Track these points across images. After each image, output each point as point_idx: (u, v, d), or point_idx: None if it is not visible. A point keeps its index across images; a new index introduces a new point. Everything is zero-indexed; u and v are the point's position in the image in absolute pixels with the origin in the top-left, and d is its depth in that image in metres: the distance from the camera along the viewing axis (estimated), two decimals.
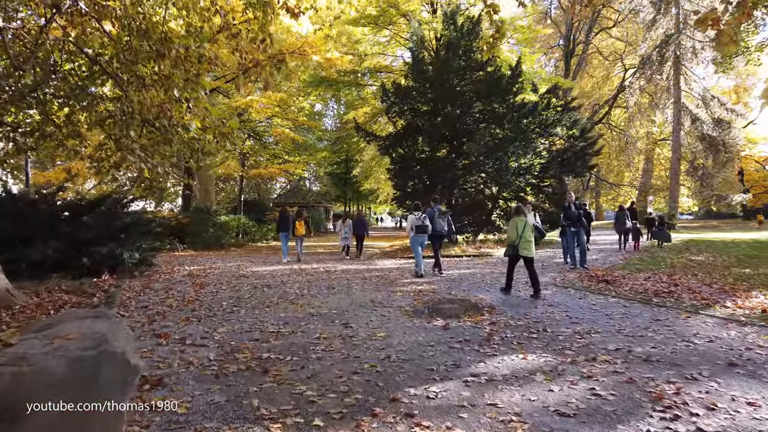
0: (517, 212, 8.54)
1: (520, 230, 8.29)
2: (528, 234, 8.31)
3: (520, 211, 8.53)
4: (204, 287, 9.80)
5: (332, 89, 24.89)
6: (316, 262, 15.31)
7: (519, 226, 8.31)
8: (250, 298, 8.42)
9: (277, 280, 10.76)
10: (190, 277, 11.34)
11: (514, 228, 8.38)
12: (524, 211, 8.60)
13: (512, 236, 8.41)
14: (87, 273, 10.63)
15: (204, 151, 10.78)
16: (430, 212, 11.57)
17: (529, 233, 8.31)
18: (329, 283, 10.29)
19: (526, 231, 8.29)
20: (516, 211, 8.62)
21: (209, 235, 20.65)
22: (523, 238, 8.27)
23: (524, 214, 8.45)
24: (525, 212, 8.59)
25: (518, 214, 8.49)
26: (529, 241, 8.32)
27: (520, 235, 8.27)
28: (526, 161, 18.91)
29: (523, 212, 8.55)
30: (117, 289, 9.11)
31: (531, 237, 8.36)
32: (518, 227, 8.31)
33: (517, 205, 8.84)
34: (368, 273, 12.21)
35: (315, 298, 8.52)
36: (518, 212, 8.53)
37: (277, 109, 19.41)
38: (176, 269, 13.08)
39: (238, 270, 12.94)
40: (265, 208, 33.82)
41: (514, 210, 8.74)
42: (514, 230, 8.38)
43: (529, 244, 8.32)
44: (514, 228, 8.38)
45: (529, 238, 8.30)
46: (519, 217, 8.42)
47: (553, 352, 5.02)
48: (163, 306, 7.76)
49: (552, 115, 20.09)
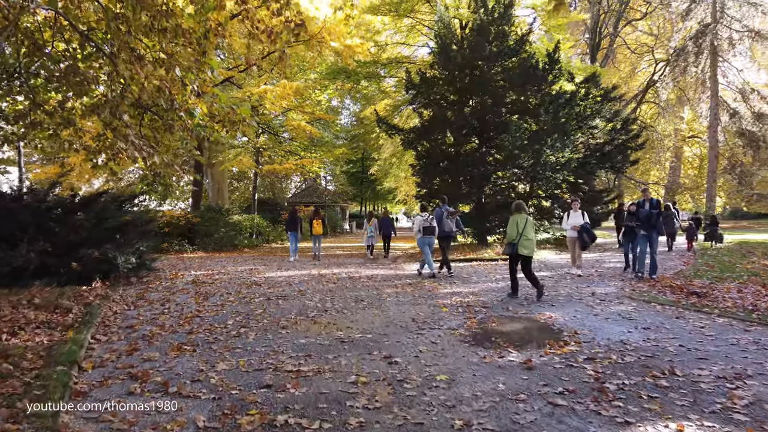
0: (518, 209, 8.09)
1: (520, 228, 7.85)
2: (529, 232, 7.87)
3: (520, 208, 8.09)
4: (208, 298, 8.17)
5: (351, 81, 23.23)
6: (337, 266, 13.66)
7: (519, 223, 7.88)
8: (262, 315, 6.76)
9: (294, 289, 9.11)
10: (194, 285, 9.73)
11: (514, 225, 7.92)
12: (525, 208, 8.15)
13: (512, 234, 7.94)
14: (76, 279, 9.08)
15: (211, 139, 9.16)
16: (438, 213, 11.14)
17: (529, 231, 7.88)
18: (356, 294, 8.62)
19: (527, 229, 7.86)
20: (516, 208, 8.12)
21: (221, 235, 19.12)
22: (523, 236, 7.82)
23: (525, 212, 8.06)
24: (526, 209, 8.17)
25: (519, 211, 8.05)
26: (530, 240, 7.87)
27: (521, 233, 7.83)
28: (564, 156, 17.07)
29: (524, 209, 8.11)
30: (102, 301, 7.52)
31: (532, 235, 7.91)
32: (518, 225, 7.88)
33: (517, 202, 8.31)
34: (398, 280, 10.53)
35: (341, 314, 6.84)
36: (519, 209, 8.08)
37: (292, 100, 17.81)
38: (180, 274, 11.49)
39: (250, 275, 11.32)
40: (280, 207, 32.31)
41: (514, 207, 8.23)
42: (514, 228, 7.92)
43: (530, 242, 7.87)
44: (514, 225, 7.92)
45: (529, 237, 7.86)
46: (520, 214, 7.97)
47: (717, 419, 3.27)
48: (154, 325, 6.13)
49: (590, 106, 18.23)
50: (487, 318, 6.52)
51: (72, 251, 9.30)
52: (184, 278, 10.82)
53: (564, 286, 9.19)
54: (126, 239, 9.92)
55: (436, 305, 7.43)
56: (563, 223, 10.64)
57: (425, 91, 17.80)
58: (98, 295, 7.93)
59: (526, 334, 5.72)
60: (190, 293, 8.71)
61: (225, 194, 28.57)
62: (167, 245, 17.48)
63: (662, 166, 43.93)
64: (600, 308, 7.07)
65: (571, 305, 7.35)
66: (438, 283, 9.83)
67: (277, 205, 32.35)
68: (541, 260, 14.13)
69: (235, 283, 10.05)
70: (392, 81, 24.38)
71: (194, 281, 10.26)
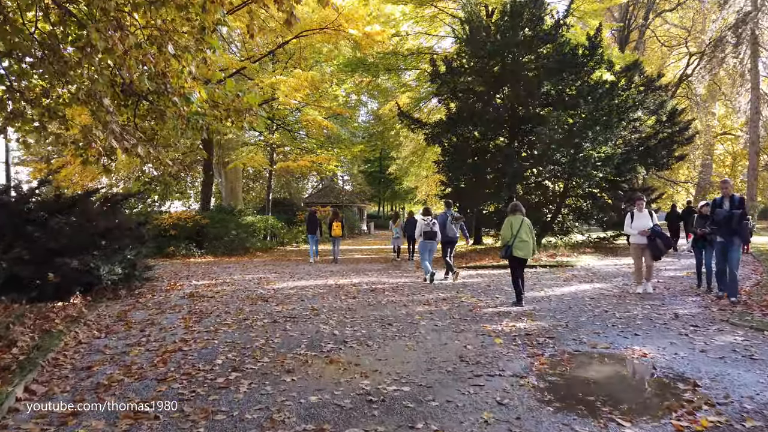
0: (513, 210, 7.77)
1: (515, 229, 7.52)
2: (524, 234, 7.49)
3: (516, 210, 7.73)
4: (201, 320, 6.62)
5: (369, 74, 21.62)
6: (356, 273, 12.06)
7: (514, 225, 7.56)
8: (263, 349, 5.16)
9: (307, 307, 7.51)
10: (190, 300, 8.20)
11: (508, 227, 7.61)
12: (521, 209, 7.74)
13: (506, 236, 7.60)
14: (52, 294, 7.63)
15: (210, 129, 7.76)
16: (442, 217, 10.64)
17: (525, 233, 7.50)
18: (381, 313, 6.99)
19: (522, 231, 7.50)
20: (512, 210, 7.81)
21: (231, 238, 17.66)
22: (518, 238, 7.48)
23: (521, 213, 7.67)
24: (522, 210, 7.74)
25: (514, 212, 7.72)
26: (525, 242, 7.50)
27: (515, 235, 7.49)
28: (606, 150, 15.25)
29: (520, 210, 7.72)
30: (70, 325, 6.00)
31: (528, 237, 7.52)
32: (513, 226, 7.56)
33: (513, 203, 7.99)
34: (428, 292, 8.89)
35: (365, 347, 5.23)
36: (514, 210, 7.75)
37: (307, 92, 16.25)
38: (179, 285, 10.00)
39: (258, 287, 9.77)
40: (296, 207, 30.86)
41: (510, 208, 7.92)
42: (508, 229, 7.59)
43: (525, 244, 7.50)
44: (508, 227, 7.61)
45: (524, 239, 7.49)
46: (515, 215, 7.65)
47: None
48: (119, 366, 4.59)
49: (632, 96, 16.39)
50: (559, 355, 4.85)
51: (51, 260, 7.86)
52: (182, 290, 9.31)
53: (633, 304, 7.45)
54: (111, 245, 8.42)
55: (485, 333, 5.77)
56: (626, 227, 8.65)
57: (451, 81, 16.13)
58: (68, 316, 6.43)
59: (626, 386, 4.06)
60: (181, 312, 7.17)
61: (239, 194, 27.21)
62: (173, 249, 16.06)
63: (692, 164, 41.58)
64: (701, 339, 5.34)
65: (659, 334, 5.64)
66: (477, 298, 8.17)
67: (292, 206, 30.88)
68: (585, 267, 12.36)
69: (238, 297, 8.50)
70: (413, 74, 22.70)
71: (192, 294, 8.72)
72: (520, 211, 7.68)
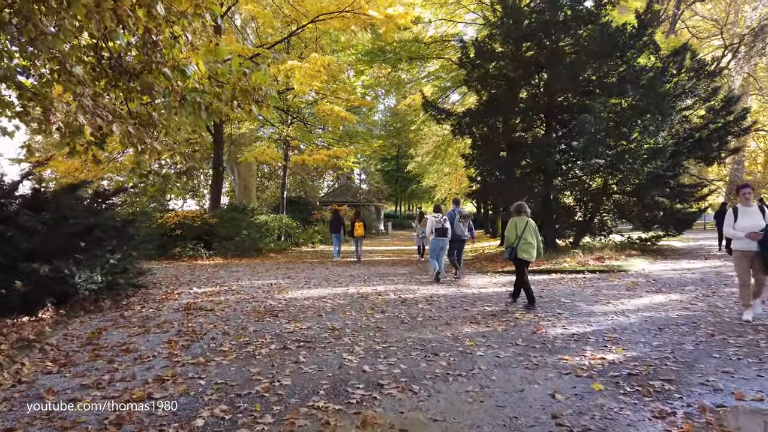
0: (518, 211, 7.48)
1: (519, 231, 7.28)
2: (528, 235, 7.24)
3: (520, 210, 7.46)
4: (191, 345, 5.11)
5: (390, 64, 20.04)
6: (379, 278, 10.52)
7: (519, 226, 7.31)
8: (266, 397, 3.61)
9: (325, 326, 5.96)
10: (184, 314, 6.71)
11: (513, 228, 7.36)
12: (526, 210, 7.48)
13: (511, 237, 7.36)
14: (19, 306, 6.22)
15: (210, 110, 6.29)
16: (450, 215, 10.42)
17: (529, 235, 7.25)
18: (420, 336, 5.42)
19: (527, 232, 7.25)
20: (516, 210, 7.52)
21: (243, 238, 16.21)
22: (522, 240, 7.22)
23: (525, 214, 7.42)
24: (527, 212, 7.49)
25: (518, 213, 7.46)
26: (529, 243, 7.23)
27: (520, 237, 7.24)
28: (657, 141, 13.50)
29: (525, 211, 7.45)
30: (18, 353, 4.54)
31: (532, 239, 7.25)
32: (518, 227, 7.31)
33: (518, 204, 7.62)
34: (470, 305, 7.31)
35: (409, 394, 3.65)
36: (519, 211, 7.47)
37: (324, 79, 14.75)
38: (177, 293, 8.54)
39: (268, 296, 8.27)
40: (311, 207, 29.40)
41: (514, 209, 7.58)
42: (513, 231, 7.35)
43: (529, 246, 7.23)
44: (513, 228, 7.36)
45: (529, 240, 7.23)
46: (519, 216, 7.40)
47: None
48: (55, 431, 3.10)
49: (682, 82, 14.63)
50: (699, 413, 3.23)
51: (18, 264, 6.45)
52: (179, 300, 7.84)
53: (744, 326, 5.76)
54: (91, 248, 6.96)
55: (570, 370, 4.16)
56: (725, 228, 6.54)
57: (481, 66, 14.50)
58: (21, 339, 4.97)
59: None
60: (169, 332, 5.66)
61: (252, 192, 25.85)
62: (179, 250, 14.66)
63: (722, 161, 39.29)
64: None
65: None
66: (535, 314, 6.57)
67: (308, 205, 29.40)
68: (642, 273, 10.66)
69: (242, 310, 6.99)
70: (436, 64, 21.05)
71: (188, 306, 7.22)
72: (525, 213, 7.42)
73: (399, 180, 47.85)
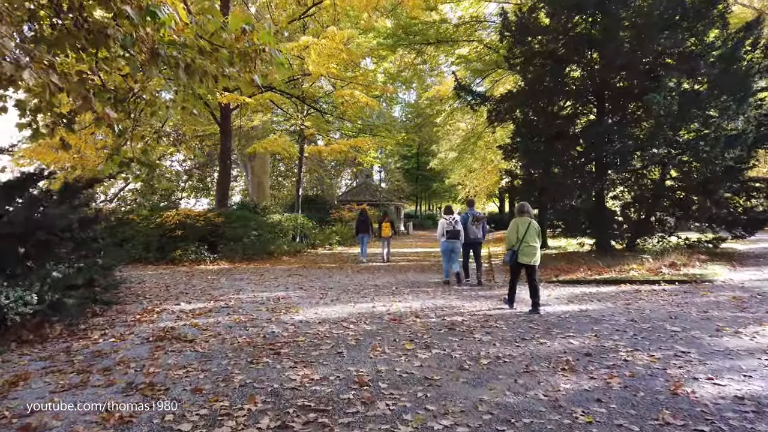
0: (520, 212, 6.87)
1: (521, 233, 6.62)
2: (531, 238, 6.58)
3: (523, 211, 6.84)
4: (138, 414, 3.18)
5: (414, 50, 18.03)
6: (411, 289, 8.52)
7: (521, 228, 6.66)
8: None
9: (348, 375, 3.96)
10: (151, 349, 4.78)
11: (514, 230, 6.71)
12: (528, 211, 6.84)
13: (512, 240, 6.73)
14: None
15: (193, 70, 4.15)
16: (463, 218, 9.76)
17: (532, 237, 6.58)
18: (498, 398, 3.40)
19: (529, 234, 6.59)
20: (519, 211, 6.93)
21: (252, 240, 14.33)
22: (524, 243, 6.57)
23: (528, 214, 6.79)
24: (530, 212, 6.86)
25: (521, 213, 6.84)
26: (532, 246, 6.56)
27: (521, 239, 6.59)
28: (738, 126, 11.28)
29: (527, 212, 6.81)
30: None
31: (534, 242, 6.59)
32: (519, 229, 6.66)
33: (520, 204, 7.03)
34: (547, 337, 5.24)
35: None
36: (521, 212, 6.86)
37: (343, 57, 12.82)
38: (158, 310, 6.65)
39: (271, 316, 6.32)
40: (329, 206, 27.48)
41: (517, 209, 7.03)
42: (514, 233, 6.70)
43: (532, 249, 6.56)
44: (514, 230, 6.71)
45: (531, 243, 6.57)
46: (522, 217, 6.78)
47: None
48: None
49: (758, 60, 12.35)
50: None
51: None
52: (156, 322, 5.94)
53: None
54: (33, 257, 5.08)
55: None
56: None
57: (525, 41, 12.42)
58: None
59: None
60: (114, 387, 3.73)
61: (266, 190, 24.02)
62: (180, 253, 12.83)
63: None
64: None
65: None
66: (647, 353, 4.51)
67: (325, 204, 27.48)
68: (732, 284, 8.48)
69: (234, 342, 5.03)
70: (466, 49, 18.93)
71: (162, 335, 5.28)
72: (528, 213, 6.86)
73: (419, 178, 45.83)
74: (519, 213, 6.90)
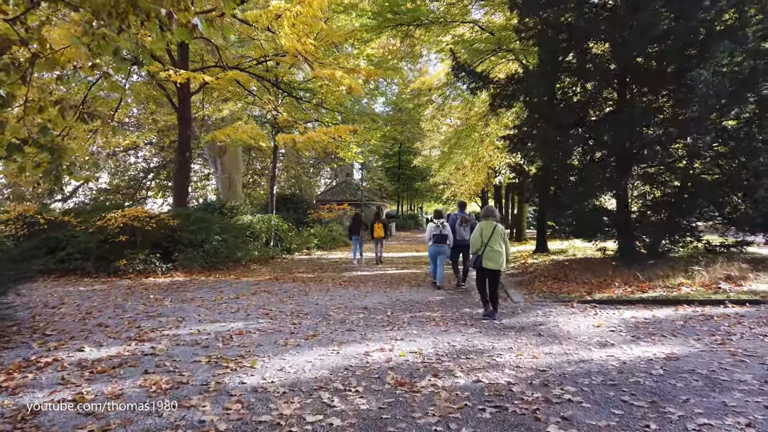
0: (485, 215, 6.70)
1: (485, 237, 6.34)
2: (495, 243, 6.30)
3: (488, 214, 6.65)
4: None
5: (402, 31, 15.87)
6: (414, 317, 6.32)
7: (485, 232, 6.37)
8: None
9: None
10: None
11: (479, 234, 6.41)
12: (494, 215, 6.64)
13: (476, 244, 6.42)
14: None
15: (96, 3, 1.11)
16: (452, 220, 9.48)
17: (496, 242, 6.31)
18: None
19: (493, 239, 6.30)
20: (484, 214, 6.78)
21: (215, 245, 11.95)
22: (489, 247, 6.29)
23: (494, 218, 6.57)
24: (496, 216, 6.64)
25: (486, 217, 6.63)
26: (497, 251, 6.29)
27: (486, 244, 6.30)
28: None
29: (493, 215, 6.62)
30: None
31: (499, 246, 6.32)
32: (483, 234, 6.37)
33: (486, 207, 6.97)
34: (654, 413, 3.14)
35: None
36: (486, 215, 6.67)
37: (321, 26, 10.56)
38: (40, 364, 4.34)
39: (211, 377, 4.08)
40: (307, 205, 25.11)
41: (483, 213, 6.96)
42: (478, 237, 6.40)
43: (496, 254, 6.30)
44: (479, 234, 6.41)
45: (496, 248, 6.30)
46: (487, 221, 6.52)
47: None
48: None
49: None
50: None
51: None
52: (17, 395, 3.65)
53: None
54: None
55: None
56: None
57: (537, 11, 10.36)
58: None
59: None
60: None
61: (238, 189, 21.55)
62: (125, 263, 10.41)
63: None
64: None
65: None
66: None
67: (303, 203, 25.10)
68: None
69: None
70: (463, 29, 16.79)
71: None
72: (493, 217, 6.57)
73: (401, 177, 43.82)
74: (484, 216, 6.74)
